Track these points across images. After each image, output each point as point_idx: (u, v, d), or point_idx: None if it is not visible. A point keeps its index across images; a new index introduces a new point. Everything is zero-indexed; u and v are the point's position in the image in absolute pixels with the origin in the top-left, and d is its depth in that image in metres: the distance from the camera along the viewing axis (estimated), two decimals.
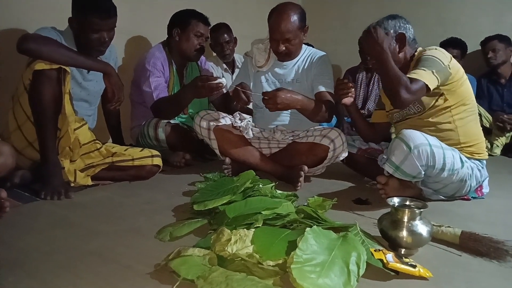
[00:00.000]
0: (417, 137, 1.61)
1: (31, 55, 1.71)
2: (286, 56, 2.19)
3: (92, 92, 2.08)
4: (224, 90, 2.29)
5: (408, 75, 1.67)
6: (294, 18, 2.06)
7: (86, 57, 1.84)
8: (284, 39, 2.08)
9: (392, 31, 1.81)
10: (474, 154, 1.79)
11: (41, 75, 1.68)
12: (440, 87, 1.71)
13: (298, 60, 2.26)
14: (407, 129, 1.69)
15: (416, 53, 1.84)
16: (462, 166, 1.69)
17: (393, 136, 2.74)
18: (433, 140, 1.64)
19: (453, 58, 1.77)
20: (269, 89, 2.21)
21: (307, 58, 2.26)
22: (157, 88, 2.40)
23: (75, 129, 1.82)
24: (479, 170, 1.79)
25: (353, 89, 1.99)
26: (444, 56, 1.72)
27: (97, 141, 1.98)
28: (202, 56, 2.83)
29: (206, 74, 2.78)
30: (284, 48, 2.11)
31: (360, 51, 3.47)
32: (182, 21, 2.50)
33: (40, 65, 1.67)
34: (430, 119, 1.78)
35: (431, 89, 1.66)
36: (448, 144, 1.72)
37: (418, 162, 1.59)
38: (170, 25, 2.54)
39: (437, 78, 1.67)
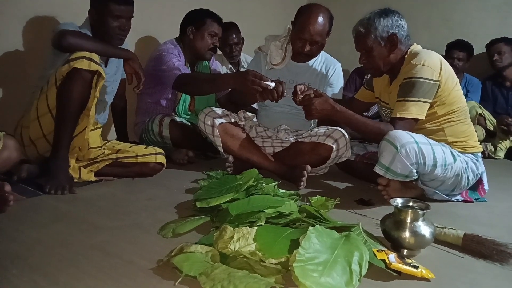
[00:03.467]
0: (403, 136, 1.60)
1: (72, 50, 1.75)
2: (307, 57, 2.20)
3: (111, 83, 2.13)
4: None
5: (396, 113, 1.69)
6: (326, 21, 2.10)
7: (113, 46, 1.96)
8: (312, 40, 2.10)
9: (384, 31, 1.77)
10: (466, 149, 1.79)
11: (77, 74, 1.71)
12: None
13: (313, 64, 2.27)
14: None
15: (407, 54, 1.79)
16: (455, 160, 1.69)
17: None
18: (420, 138, 1.64)
19: (443, 63, 1.73)
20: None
21: (322, 64, 2.28)
22: (181, 66, 2.32)
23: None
24: (474, 163, 1.79)
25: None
26: (431, 72, 1.68)
27: (104, 147, 2.00)
28: None
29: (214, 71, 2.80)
30: (309, 49, 2.12)
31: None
32: (197, 19, 2.50)
33: (79, 64, 1.70)
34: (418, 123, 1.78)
35: (422, 118, 1.70)
36: (437, 141, 1.72)
37: (407, 161, 1.59)
38: (184, 23, 2.55)
39: (426, 102, 1.69)
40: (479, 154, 1.84)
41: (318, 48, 2.17)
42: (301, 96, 1.82)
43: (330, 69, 2.26)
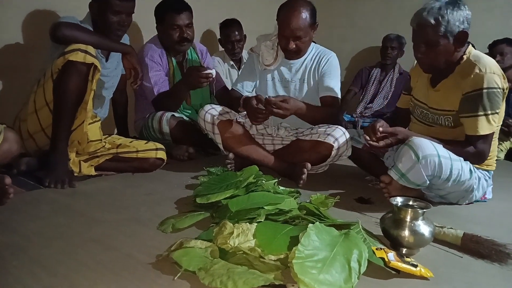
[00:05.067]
0: (427, 147, 1.54)
1: (66, 41, 1.74)
2: (295, 54, 2.15)
3: (111, 78, 2.13)
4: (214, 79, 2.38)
5: (477, 131, 1.59)
6: (306, 14, 2.01)
7: (110, 40, 1.94)
8: (295, 36, 2.03)
9: (455, 25, 1.56)
10: (483, 165, 1.74)
11: (72, 67, 1.70)
12: None
13: (305, 59, 2.22)
14: (421, 134, 1.64)
15: (465, 54, 1.65)
16: (470, 177, 1.64)
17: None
18: (442, 151, 1.57)
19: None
20: (276, 88, 2.22)
21: (315, 57, 2.22)
22: (157, 83, 2.43)
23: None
24: (486, 180, 1.75)
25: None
26: (499, 79, 1.58)
27: (104, 140, 2.00)
28: (203, 47, 2.81)
29: (207, 66, 2.79)
30: (294, 46, 2.06)
31: (384, 47, 3.54)
32: (159, 16, 2.48)
33: (74, 56, 1.69)
34: (451, 133, 1.71)
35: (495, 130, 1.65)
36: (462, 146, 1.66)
37: (425, 172, 1.55)
38: (154, 15, 2.53)
39: (498, 112, 1.62)
40: (492, 172, 1.80)
41: (305, 43, 2.10)
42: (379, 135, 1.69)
43: (323, 60, 2.19)
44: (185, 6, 2.47)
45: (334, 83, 2.17)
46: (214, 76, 2.24)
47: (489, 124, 1.60)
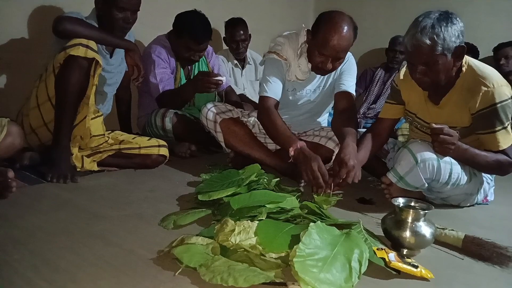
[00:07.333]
0: (426, 151, 1.54)
1: (67, 35, 1.74)
2: (328, 73, 1.98)
3: (115, 75, 2.13)
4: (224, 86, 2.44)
5: (505, 145, 1.56)
6: (351, 34, 1.82)
7: (112, 35, 1.93)
8: (336, 57, 1.84)
9: (451, 41, 1.48)
10: None
11: (73, 61, 1.70)
12: None
13: None
14: (422, 140, 1.62)
15: (464, 69, 1.59)
16: (470, 180, 1.64)
17: (400, 137, 2.74)
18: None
19: None
20: (292, 94, 2.10)
21: None
22: (163, 80, 2.44)
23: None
24: (488, 183, 1.75)
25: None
26: (508, 89, 1.56)
27: (107, 136, 2.00)
28: (210, 47, 2.81)
29: (213, 66, 2.80)
30: (331, 66, 1.86)
31: (392, 50, 3.56)
32: (179, 28, 2.46)
33: (75, 51, 1.69)
34: None
35: None
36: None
37: (423, 175, 1.55)
38: (173, 23, 2.51)
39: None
40: (494, 175, 1.78)
41: (341, 63, 1.95)
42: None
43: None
44: (208, 36, 2.49)
45: (351, 82, 2.09)
46: (223, 83, 2.24)
47: (509, 135, 1.58)
